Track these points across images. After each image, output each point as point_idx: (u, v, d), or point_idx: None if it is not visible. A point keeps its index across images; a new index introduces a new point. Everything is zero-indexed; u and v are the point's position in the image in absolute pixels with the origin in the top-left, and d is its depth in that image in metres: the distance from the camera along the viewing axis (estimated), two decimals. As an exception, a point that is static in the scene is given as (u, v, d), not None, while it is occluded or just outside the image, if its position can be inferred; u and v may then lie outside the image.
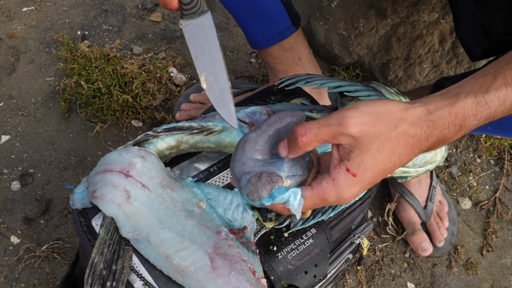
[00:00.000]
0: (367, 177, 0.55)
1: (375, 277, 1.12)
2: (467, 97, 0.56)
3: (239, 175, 0.59)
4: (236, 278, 0.66)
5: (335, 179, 0.56)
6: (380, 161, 0.55)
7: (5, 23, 1.36)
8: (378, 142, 0.54)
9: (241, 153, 0.60)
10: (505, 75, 0.56)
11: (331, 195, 0.56)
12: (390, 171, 0.57)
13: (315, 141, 0.55)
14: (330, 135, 0.55)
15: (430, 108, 0.56)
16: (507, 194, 1.24)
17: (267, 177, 0.57)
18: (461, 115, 0.56)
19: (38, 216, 1.11)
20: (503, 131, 0.92)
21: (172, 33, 1.39)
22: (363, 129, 0.54)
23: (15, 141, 1.19)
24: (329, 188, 0.56)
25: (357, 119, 0.54)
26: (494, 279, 1.15)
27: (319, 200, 0.57)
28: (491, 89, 0.56)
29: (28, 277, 1.04)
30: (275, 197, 0.57)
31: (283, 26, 1.00)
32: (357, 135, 0.54)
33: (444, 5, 1.16)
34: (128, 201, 0.67)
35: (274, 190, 0.57)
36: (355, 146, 0.54)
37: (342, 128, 0.54)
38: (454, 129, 0.56)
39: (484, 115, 0.57)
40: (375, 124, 0.54)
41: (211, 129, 0.74)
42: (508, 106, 0.57)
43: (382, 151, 0.54)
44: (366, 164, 0.54)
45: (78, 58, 1.24)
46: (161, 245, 0.66)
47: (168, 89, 1.27)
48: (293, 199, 0.56)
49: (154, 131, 0.74)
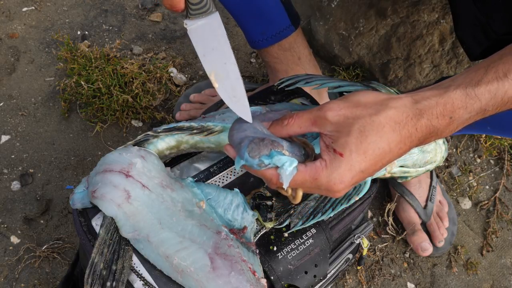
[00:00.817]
0: (355, 160, 0.55)
1: (375, 277, 1.12)
2: (457, 89, 0.56)
3: (240, 139, 0.60)
4: (236, 278, 0.66)
5: (326, 159, 0.57)
6: (366, 145, 0.55)
7: (5, 23, 1.36)
8: (358, 124, 0.55)
9: (239, 124, 0.62)
10: (497, 69, 0.56)
11: (322, 175, 0.57)
12: (382, 159, 0.56)
13: (297, 124, 0.59)
14: (311, 120, 0.58)
15: (416, 98, 0.57)
16: (507, 194, 1.24)
17: (269, 141, 0.59)
18: (450, 106, 0.56)
19: (38, 216, 1.11)
20: (503, 131, 0.92)
21: (172, 33, 1.39)
22: (340, 113, 0.57)
23: (15, 141, 1.19)
24: (321, 168, 0.57)
25: (335, 105, 0.57)
26: (494, 279, 1.15)
27: (310, 178, 0.57)
28: (482, 82, 0.56)
29: (28, 277, 1.04)
30: (274, 156, 0.58)
31: (282, 25, 1.00)
32: (334, 120, 0.56)
33: (444, 5, 1.16)
34: (128, 201, 0.67)
35: (274, 151, 0.58)
36: (335, 130, 0.56)
37: (320, 113, 0.57)
38: (444, 120, 0.56)
39: (475, 108, 0.57)
40: (352, 108, 0.56)
41: (211, 129, 0.74)
42: (499, 100, 0.57)
43: (365, 134, 0.55)
44: (351, 145, 0.55)
45: (78, 58, 1.24)
46: (161, 245, 0.66)
47: (168, 89, 1.27)
48: (287, 165, 0.57)
49: (154, 131, 0.74)
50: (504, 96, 0.57)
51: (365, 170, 0.56)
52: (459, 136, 1.29)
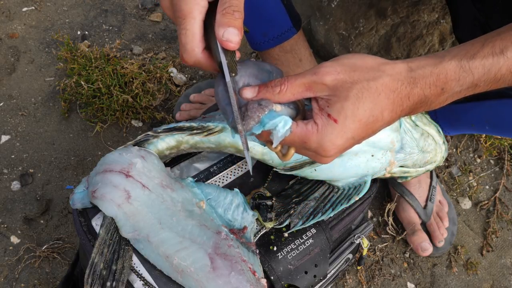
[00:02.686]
0: (349, 127, 0.54)
1: (375, 277, 1.12)
2: (451, 60, 0.55)
3: (223, 107, 0.56)
4: (236, 278, 0.66)
5: (318, 123, 0.54)
6: (361, 111, 0.53)
7: (5, 23, 1.36)
8: (355, 89, 0.53)
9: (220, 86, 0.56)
10: (494, 45, 0.55)
11: (312, 140, 0.54)
12: (373, 127, 0.55)
13: (290, 91, 0.55)
14: (305, 85, 0.55)
15: (412, 66, 0.55)
16: (507, 194, 1.24)
17: (255, 106, 0.54)
18: (443, 77, 0.55)
19: (38, 216, 1.11)
20: (503, 131, 0.92)
21: (172, 33, 1.39)
22: (338, 77, 0.54)
23: (15, 141, 1.19)
24: (311, 131, 0.54)
25: (331, 68, 0.54)
26: (494, 279, 1.15)
27: (299, 140, 0.55)
28: (477, 56, 0.55)
29: (28, 277, 1.04)
30: (265, 123, 0.54)
31: (284, 27, 1.00)
32: (331, 84, 0.54)
33: (444, 5, 1.16)
34: (128, 201, 0.67)
35: (264, 116, 0.54)
36: (332, 94, 0.54)
37: (316, 77, 0.54)
38: (435, 90, 0.55)
39: (467, 82, 0.56)
40: (350, 73, 0.54)
41: (211, 129, 0.74)
42: (492, 76, 0.56)
43: (362, 100, 0.53)
44: (347, 111, 0.53)
45: (78, 58, 1.24)
46: (161, 245, 0.66)
47: (168, 89, 1.27)
48: (281, 126, 0.54)
49: (154, 131, 0.74)
50: (497, 72, 0.56)
51: (355, 136, 0.55)
52: (459, 136, 1.29)
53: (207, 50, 0.56)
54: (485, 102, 0.89)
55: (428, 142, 0.79)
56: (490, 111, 0.89)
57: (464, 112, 0.96)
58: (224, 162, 0.80)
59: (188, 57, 0.56)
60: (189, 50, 0.56)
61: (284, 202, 0.76)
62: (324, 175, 0.75)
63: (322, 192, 0.77)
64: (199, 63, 0.57)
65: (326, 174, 0.75)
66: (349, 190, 0.76)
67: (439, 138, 0.80)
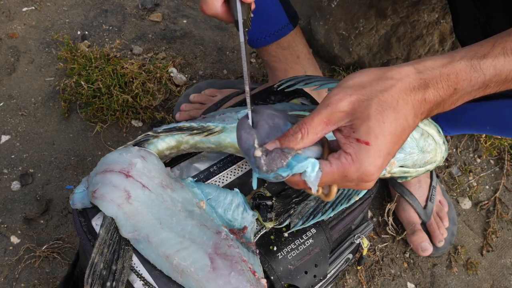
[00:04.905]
0: (382, 144, 0.52)
1: (375, 277, 1.12)
2: (461, 60, 0.54)
3: (247, 148, 0.56)
4: (236, 278, 0.66)
5: (350, 153, 0.53)
6: (387, 124, 0.52)
7: (5, 23, 1.36)
8: (374, 105, 0.52)
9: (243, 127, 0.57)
10: (505, 46, 0.54)
11: (351, 171, 0.53)
12: (402, 135, 0.54)
13: (312, 132, 0.54)
14: (324, 121, 0.54)
15: (418, 68, 0.54)
16: (507, 194, 1.24)
17: (278, 153, 0.54)
18: (454, 77, 0.54)
19: (38, 216, 1.11)
20: (503, 131, 0.92)
21: (172, 33, 1.39)
22: (352, 99, 0.53)
23: (15, 141, 1.19)
24: (347, 163, 0.53)
25: (342, 94, 0.53)
26: (494, 279, 1.15)
27: (339, 176, 0.54)
28: (488, 56, 0.54)
29: (28, 277, 1.04)
30: (293, 166, 0.53)
31: (280, 24, 1.00)
32: (348, 108, 0.53)
33: (444, 5, 1.16)
34: (128, 201, 0.67)
35: (292, 159, 0.53)
36: (354, 118, 0.53)
37: (331, 109, 0.53)
38: (448, 90, 0.54)
39: (479, 82, 0.55)
40: (361, 90, 0.53)
41: (211, 129, 0.74)
42: (503, 77, 0.55)
43: (384, 113, 0.52)
44: (375, 130, 0.52)
45: (78, 58, 1.24)
46: (161, 245, 0.66)
47: (168, 89, 1.27)
48: (310, 170, 0.53)
49: (154, 132, 0.74)
50: (509, 74, 0.55)
51: (391, 151, 0.53)
52: (459, 136, 1.29)
53: (225, 3, 0.63)
54: (486, 102, 0.89)
55: (428, 142, 0.79)
56: (491, 111, 0.89)
57: (465, 112, 0.96)
58: (224, 162, 0.80)
59: (208, 9, 0.62)
60: (209, 3, 0.62)
61: (284, 202, 0.76)
62: (324, 175, 0.75)
63: (322, 192, 0.77)
64: (216, 15, 0.63)
65: (326, 174, 0.75)
66: (349, 190, 0.76)
67: (439, 138, 0.80)
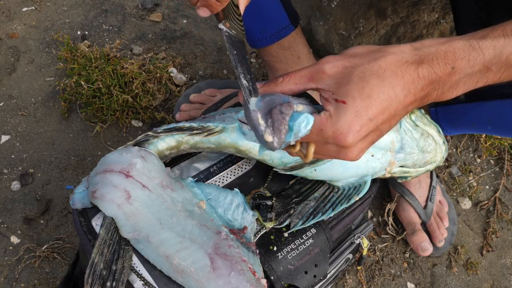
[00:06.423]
0: (360, 106, 0.52)
1: (375, 277, 1.12)
2: (460, 40, 0.54)
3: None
4: (236, 278, 0.66)
5: (329, 109, 0.54)
6: (368, 89, 0.52)
7: (5, 23, 1.36)
8: (356, 71, 0.53)
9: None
10: (505, 28, 0.54)
11: (327, 125, 0.54)
12: (389, 106, 0.53)
13: (293, 81, 0.57)
14: (307, 76, 0.56)
15: (415, 45, 0.54)
16: (507, 194, 1.24)
17: (277, 111, 0.55)
18: (451, 55, 0.53)
19: (38, 216, 1.11)
20: (504, 131, 0.92)
21: (172, 33, 1.39)
22: (337, 63, 0.55)
23: (15, 141, 1.19)
24: (325, 118, 0.54)
25: (331, 58, 0.56)
26: (494, 279, 1.15)
27: (315, 130, 0.55)
28: (487, 36, 0.54)
29: (28, 277, 1.04)
30: (293, 126, 0.54)
31: (281, 24, 1.00)
32: (331, 72, 0.54)
33: (444, 5, 1.16)
34: (128, 201, 0.67)
35: (289, 121, 0.54)
36: (335, 82, 0.54)
37: (317, 67, 0.55)
38: (446, 68, 0.53)
39: (478, 62, 0.54)
40: (349, 58, 0.55)
41: (212, 129, 0.74)
42: (503, 59, 0.54)
43: (365, 79, 0.52)
44: (353, 92, 0.52)
45: (78, 58, 1.24)
46: (161, 245, 0.66)
47: (168, 89, 1.27)
48: (304, 126, 0.54)
49: (154, 132, 0.74)
50: (509, 56, 0.54)
51: (373, 117, 0.53)
52: (459, 136, 1.29)
53: None
54: (487, 103, 0.89)
55: (428, 142, 0.79)
56: (492, 111, 0.89)
57: (466, 112, 0.96)
58: (224, 162, 0.80)
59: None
60: None
61: (284, 202, 0.76)
62: (324, 175, 0.75)
63: (322, 192, 0.77)
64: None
65: (326, 174, 0.75)
66: (349, 190, 0.76)
67: (439, 138, 0.80)
